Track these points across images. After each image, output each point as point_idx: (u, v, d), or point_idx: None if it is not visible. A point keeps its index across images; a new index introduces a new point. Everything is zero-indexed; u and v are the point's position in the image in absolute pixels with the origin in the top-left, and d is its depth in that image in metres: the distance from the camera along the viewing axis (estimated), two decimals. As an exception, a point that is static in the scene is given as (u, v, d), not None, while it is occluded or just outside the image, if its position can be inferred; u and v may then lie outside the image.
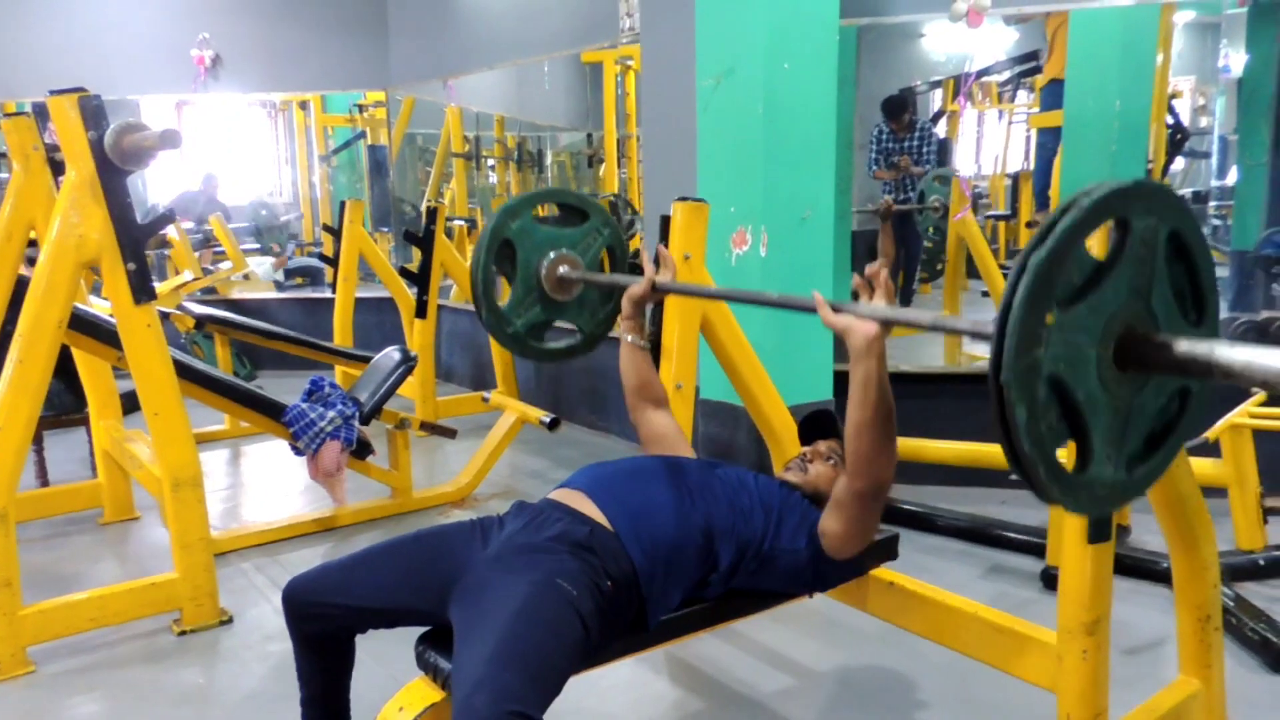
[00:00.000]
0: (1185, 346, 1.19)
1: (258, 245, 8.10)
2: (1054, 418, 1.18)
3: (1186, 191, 6.20)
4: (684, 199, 2.60)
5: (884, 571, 2.21)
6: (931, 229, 6.25)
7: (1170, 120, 5.51)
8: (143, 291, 2.73)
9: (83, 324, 3.07)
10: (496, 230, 2.40)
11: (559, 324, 2.41)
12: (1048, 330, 1.15)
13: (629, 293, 2.20)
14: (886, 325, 1.60)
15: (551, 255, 2.43)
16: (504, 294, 2.43)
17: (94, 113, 2.64)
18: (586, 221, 2.51)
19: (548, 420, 3.64)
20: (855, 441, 1.67)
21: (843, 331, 1.62)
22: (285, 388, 3.84)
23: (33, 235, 3.43)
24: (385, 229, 7.68)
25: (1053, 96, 5.56)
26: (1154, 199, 1.22)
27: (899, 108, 6.69)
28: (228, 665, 2.63)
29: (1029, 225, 8.71)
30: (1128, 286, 1.21)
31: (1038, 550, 3.16)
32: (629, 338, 2.23)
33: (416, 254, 5.35)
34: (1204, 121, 6.77)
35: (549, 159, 8.70)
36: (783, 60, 3.26)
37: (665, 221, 2.62)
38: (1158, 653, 2.57)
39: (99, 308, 3.39)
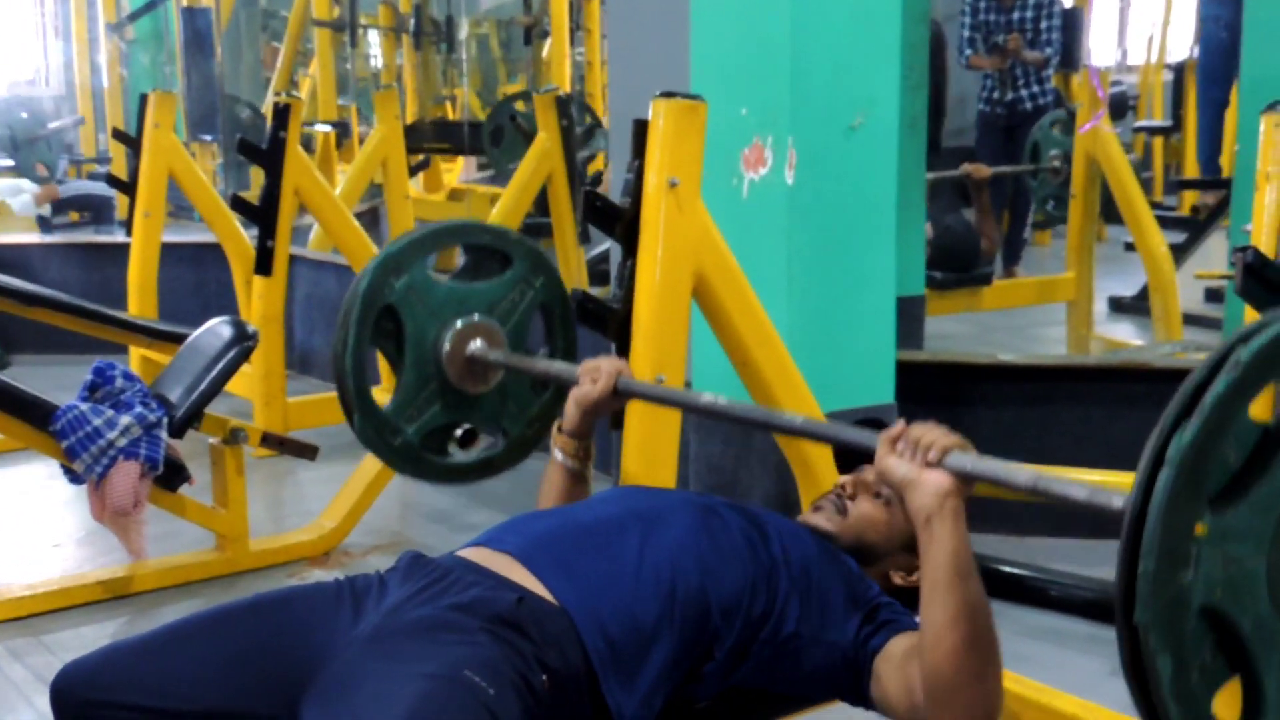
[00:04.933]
0: None
1: (12, 164, 8.06)
2: (1208, 656, 1.23)
3: None
4: (670, 94, 2.63)
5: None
6: (1050, 203, 6.29)
7: None
8: None
9: None
10: (372, 293, 2.44)
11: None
12: (1197, 545, 1.19)
13: (576, 395, 2.22)
14: (966, 480, 1.64)
15: (458, 325, 2.48)
16: (385, 384, 2.49)
17: None
18: (509, 270, 2.55)
19: (459, 434, 3.66)
20: (933, 653, 1.68)
21: (901, 486, 1.67)
22: (52, 380, 3.83)
23: None
24: (209, 137, 7.67)
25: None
26: None
27: None
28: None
29: (1185, 186, 8.57)
30: None
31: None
32: (560, 456, 2.27)
33: (257, 176, 5.36)
34: None
35: (464, 31, 8.71)
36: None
37: (640, 129, 2.64)
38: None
39: None
